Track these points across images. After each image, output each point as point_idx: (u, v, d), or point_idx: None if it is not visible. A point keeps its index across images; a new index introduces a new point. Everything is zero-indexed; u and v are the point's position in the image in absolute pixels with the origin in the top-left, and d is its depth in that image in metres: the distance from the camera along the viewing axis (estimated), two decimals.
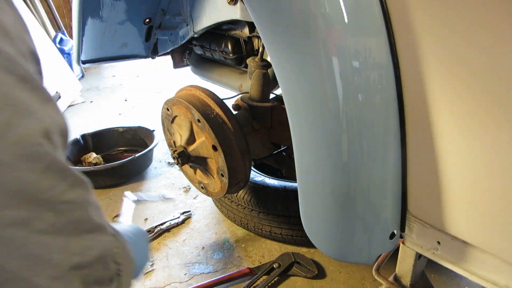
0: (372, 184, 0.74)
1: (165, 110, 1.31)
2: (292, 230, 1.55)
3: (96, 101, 3.74)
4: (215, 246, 1.66)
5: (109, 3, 1.43)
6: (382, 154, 0.72)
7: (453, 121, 0.64)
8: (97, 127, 2.99)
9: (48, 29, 4.36)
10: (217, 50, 1.53)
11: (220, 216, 1.85)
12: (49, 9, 4.67)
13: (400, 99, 0.69)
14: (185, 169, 1.39)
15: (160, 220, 1.84)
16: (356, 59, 0.66)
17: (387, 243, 0.82)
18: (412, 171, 0.75)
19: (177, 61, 1.89)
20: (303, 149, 0.78)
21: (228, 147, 1.13)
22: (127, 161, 2.09)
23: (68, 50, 4.12)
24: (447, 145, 0.66)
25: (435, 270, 1.42)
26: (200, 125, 1.14)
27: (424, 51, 0.63)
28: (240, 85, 1.60)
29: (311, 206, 0.84)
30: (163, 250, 1.66)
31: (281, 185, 1.60)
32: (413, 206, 0.79)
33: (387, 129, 0.71)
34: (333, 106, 0.68)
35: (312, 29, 0.67)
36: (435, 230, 0.79)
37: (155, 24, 1.62)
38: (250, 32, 1.31)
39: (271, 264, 1.45)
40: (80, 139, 2.43)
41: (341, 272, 1.47)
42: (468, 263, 0.77)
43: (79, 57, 1.59)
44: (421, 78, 0.65)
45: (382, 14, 0.65)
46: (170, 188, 2.14)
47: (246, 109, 1.33)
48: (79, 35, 1.47)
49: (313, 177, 0.79)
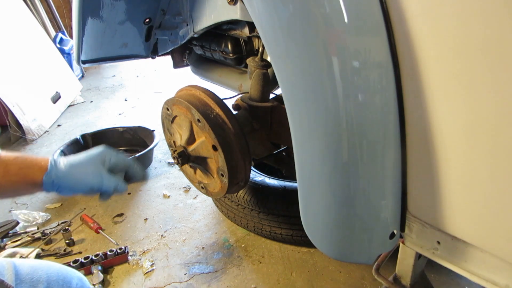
0: (372, 184, 0.74)
1: (165, 110, 1.31)
2: (292, 230, 1.55)
3: (96, 101, 3.74)
4: (215, 246, 1.66)
5: (109, 3, 1.43)
6: (382, 154, 0.72)
7: (453, 120, 0.64)
8: (97, 127, 3.00)
9: (48, 29, 4.36)
10: (217, 50, 1.53)
11: (220, 216, 1.85)
12: (49, 9, 4.67)
13: (400, 99, 0.69)
14: (185, 169, 1.39)
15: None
16: (356, 59, 0.66)
17: (387, 243, 0.82)
18: (412, 171, 0.75)
19: (177, 61, 1.89)
20: (303, 149, 0.78)
21: (228, 147, 1.13)
22: None
23: (68, 50, 4.13)
24: (447, 145, 0.66)
25: (435, 270, 1.42)
26: (200, 125, 1.14)
27: (424, 51, 0.63)
28: (240, 85, 1.60)
29: (311, 206, 0.84)
30: (163, 250, 1.66)
31: (281, 185, 1.60)
32: (413, 206, 0.79)
33: (387, 129, 0.71)
34: (333, 106, 0.68)
35: (312, 29, 0.67)
36: (435, 230, 0.79)
37: (155, 24, 1.62)
38: (250, 32, 1.30)
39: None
40: (80, 139, 2.43)
41: (341, 272, 1.47)
42: (468, 263, 0.77)
43: (79, 57, 1.59)
44: (421, 78, 0.65)
45: (382, 14, 0.65)
46: (170, 188, 2.14)
47: (246, 109, 1.33)
48: (79, 35, 1.47)
49: (313, 177, 0.79)
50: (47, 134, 3.04)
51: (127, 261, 1.59)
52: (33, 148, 2.80)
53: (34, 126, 2.90)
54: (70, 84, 3.71)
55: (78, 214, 1.92)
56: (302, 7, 0.67)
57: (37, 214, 1.91)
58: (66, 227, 1.79)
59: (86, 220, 1.84)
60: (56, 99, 3.33)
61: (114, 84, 4.27)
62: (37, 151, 2.74)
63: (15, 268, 0.88)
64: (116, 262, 1.57)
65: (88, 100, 3.78)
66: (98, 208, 1.99)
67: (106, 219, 1.90)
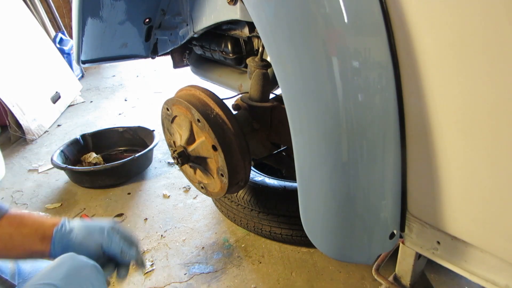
0: (371, 184, 0.74)
1: (165, 110, 1.31)
2: (292, 230, 1.55)
3: (96, 101, 3.74)
4: (215, 246, 1.66)
5: (109, 3, 1.43)
6: (382, 154, 0.72)
7: (453, 120, 0.64)
8: (97, 127, 3.00)
9: (48, 29, 4.36)
10: (217, 50, 1.53)
11: (220, 216, 1.85)
12: (49, 9, 4.67)
13: (400, 99, 0.69)
14: (185, 169, 1.39)
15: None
16: (356, 59, 0.66)
17: (387, 243, 0.82)
18: (412, 171, 0.75)
19: (177, 61, 1.89)
20: (303, 149, 0.78)
21: (228, 147, 1.13)
22: (127, 161, 2.09)
23: (68, 50, 4.12)
24: (447, 144, 0.66)
25: (435, 270, 1.42)
26: (200, 125, 1.14)
27: (424, 51, 0.63)
28: (240, 85, 1.60)
29: (311, 206, 0.84)
30: (163, 250, 1.66)
31: (281, 185, 1.60)
32: (412, 206, 0.79)
33: (387, 129, 0.71)
34: (333, 106, 0.68)
35: (312, 29, 0.67)
36: (434, 230, 0.79)
37: (155, 24, 1.62)
38: (250, 32, 1.30)
39: None
40: (80, 139, 2.43)
41: (341, 272, 1.47)
42: (468, 263, 0.77)
43: (79, 57, 1.59)
44: (421, 78, 0.65)
45: (382, 14, 0.65)
46: (170, 188, 2.14)
47: (246, 109, 1.33)
48: (79, 35, 1.47)
49: (313, 177, 0.79)
50: (47, 134, 3.04)
51: None
52: (33, 148, 2.80)
53: (34, 126, 2.90)
54: (70, 84, 3.71)
55: (78, 214, 1.92)
56: (302, 7, 0.67)
57: (37, 214, 1.90)
58: None
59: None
60: (56, 99, 3.33)
61: (114, 84, 4.27)
62: (37, 151, 2.74)
63: (18, 267, 0.88)
64: None
65: (88, 100, 3.78)
66: (98, 208, 1.99)
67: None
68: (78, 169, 2.17)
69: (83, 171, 2.12)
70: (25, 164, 2.57)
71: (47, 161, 2.53)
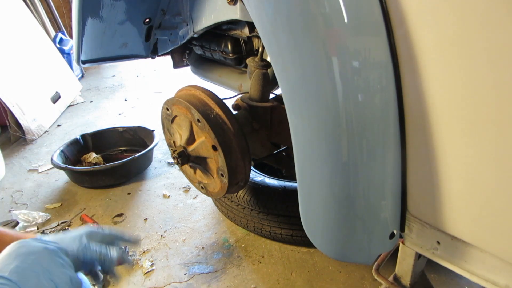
0: (371, 184, 0.74)
1: (165, 110, 1.31)
2: (292, 230, 1.55)
3: (96, 101, 3.74)
4: (215, 246, 1.66)
5: (109, 3, 1.43)
6: (382, 154, 0.72)
7: (453, 120, 0.64)
8: (97, 127, 3.00)
9: (48, 29, 4.36)
10: (217, 50, 1.53)
11: (220, 216, 1.85)
12: (49, 9, 4.67)
13: (400, 99, 0.69)
14: (185, 169, 1.39)
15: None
16: (356, 59, 0.66)
17: (387, 243, 0.82)
18: (411, 171, 0.75)
19: (177, 61, 1.89)
20: (303, 149, 0.78)
21: (228, 147, 1.13)
22: (127, 161, 2.09)
23: (68, 50, 4.12)
24: (447, 145, 0.66)
25: (435, 270, 1.42)
26: (200, 125, 1.14)
27: (424, 51, 0.63)
28: (240, 85, 1.60)
29: (311, 206, 0.84)
30: (163, 250, 1.66)
31: (281, 185, 1.60)
32: (412, 206, 0.79)
33: (386, 129, 0.71)
34: (333, 106, 0.68)
35: (312, 29, 0.67)
36: (434, 230, 0.79)
37: (155, 24, 1.62)
38: (250, 32, 1.30)
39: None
40: (80, 139, 2.43)
41: (341, 272, 1.47)
42: (468, 263, 0.77)
43: (79, 57, 1.59)
44: (421, 78, 0.65)
45: (382, 14, 0.65)
46: (170, 188, 2.14)
47: (246, 109, 1.33)
48: (79, 35, 1.47)
49: (313, 177, 0.79)
50: (47, 134, 3.04)
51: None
52: (33, 148, 2.80)
53: (34, 126, 2.90)
54: (70, 84, 3.71)
55: (78, 214, 1.92)
56: (302, 7, 0.67)
57: (37, 214, 1.91)
58: (66, 227, 1.79)
59: (86, 220, 1.84)
60: (56, 99, 3.33)
61: (114, 84, 4.27)
62: (37, 151, 2.75)
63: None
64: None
65: (88, 100, 3.78)
66: (98, 208, 1.99)
67: (106, 219, 1.90)
68: (78, 169, 2.17)
69: (83, 171, 2.12)
70: (25, 164, 2.57)
71: (47, 161, 2.53)
